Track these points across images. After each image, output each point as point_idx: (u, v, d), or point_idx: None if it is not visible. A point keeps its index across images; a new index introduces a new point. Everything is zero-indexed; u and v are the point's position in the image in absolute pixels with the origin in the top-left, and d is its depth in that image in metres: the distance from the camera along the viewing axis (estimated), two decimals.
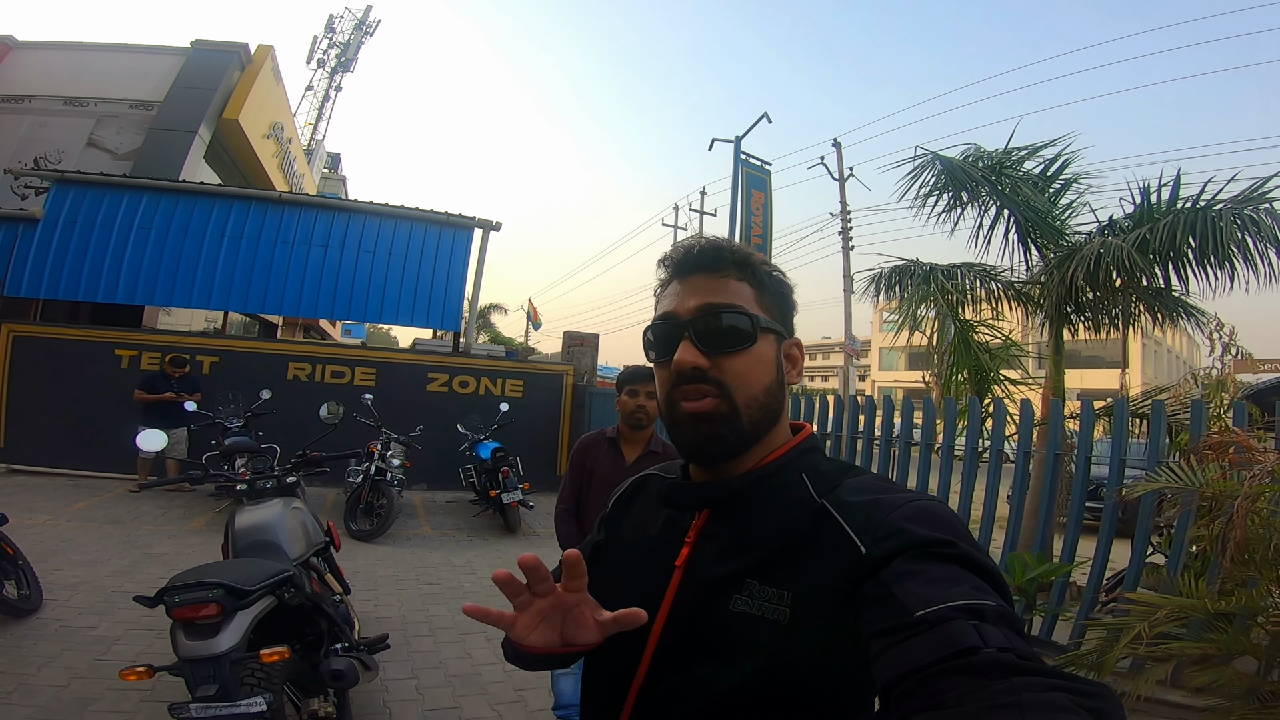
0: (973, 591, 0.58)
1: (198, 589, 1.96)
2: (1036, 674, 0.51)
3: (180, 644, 1.94)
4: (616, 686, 0.81)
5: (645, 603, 0.76)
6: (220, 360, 8.72)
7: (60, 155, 10.63)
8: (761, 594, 0.71)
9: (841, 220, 15.13)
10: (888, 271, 6.58)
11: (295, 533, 2.85)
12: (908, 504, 0.68)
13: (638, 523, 0.91)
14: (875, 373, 42.06)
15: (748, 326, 0.79)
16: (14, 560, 3.90)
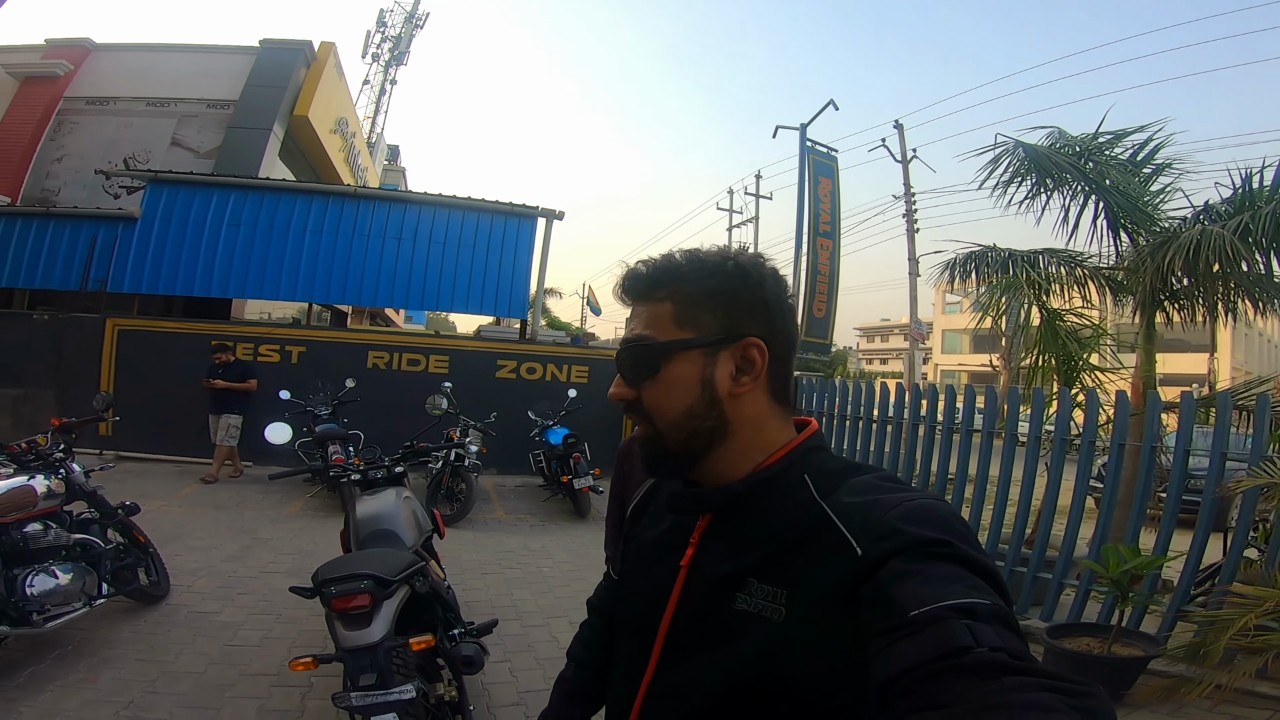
0: (968, 590, 0.59)
1: (350, 580, 2.08)
2: (1028, 674, 0.51)
3: (339, 634, 2.06)
4: (629, 684, 0.85)
5: (655, 602, 0.82)
6: (307, 350, 9.16)
7: (148, 155, 11.22)
8: (760, 592, 0.72)
9: (905, 202, 14.67)
10: (962, 257, 6.43)
11: (409, 522, 2.97)
12: (904, 504, 0.68)
13: (651, 526, 0.94)
14: (938, 355, 40.81)
15: (649, 357, 0.80)
16: (145, 548, 4.18)
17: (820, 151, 6.79)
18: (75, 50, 11.66)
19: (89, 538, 3.63)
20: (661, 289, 0.82)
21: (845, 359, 60.34)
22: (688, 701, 0.77)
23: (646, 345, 0.81)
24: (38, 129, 11.05)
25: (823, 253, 6.71)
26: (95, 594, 3.51)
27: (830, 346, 7.01)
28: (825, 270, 6.74)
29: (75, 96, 11.50)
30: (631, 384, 0.82)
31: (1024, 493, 4.55)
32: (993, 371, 7.77)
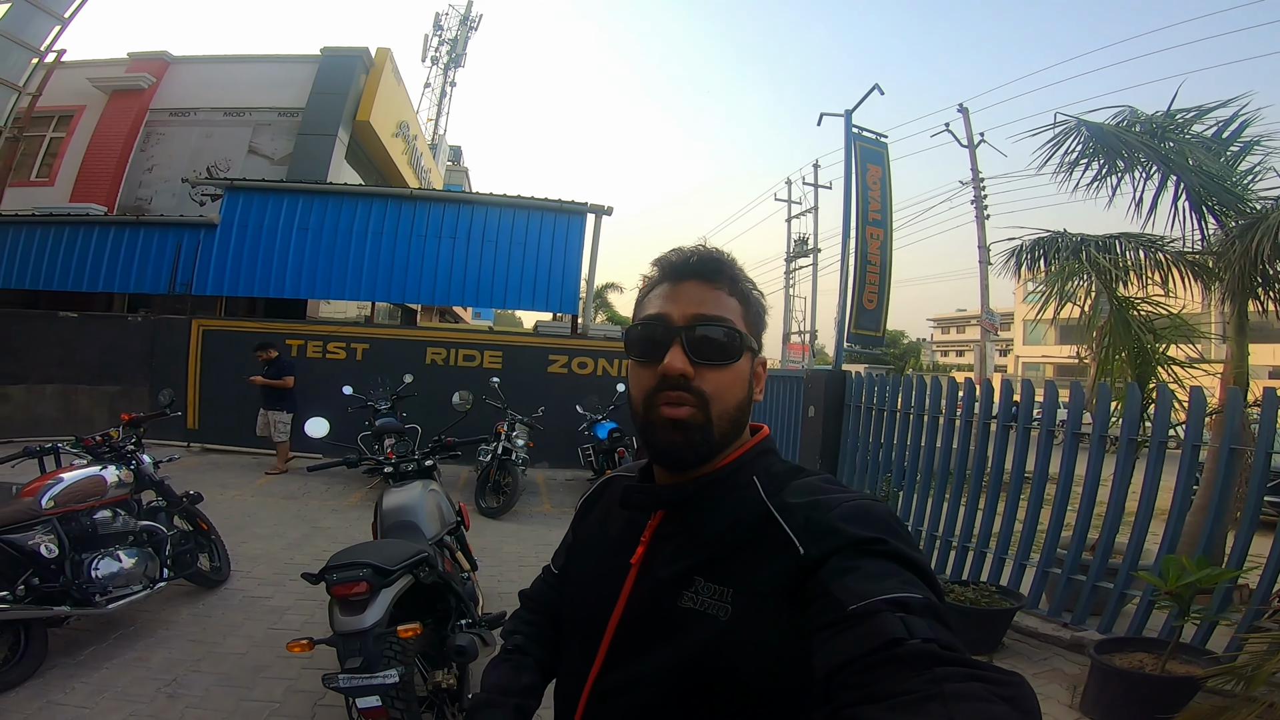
0: (902, 585, 0.61)
1: (351, 568, 2.19)
2: (957, 664, 0.54)
3: (335, 619, 2.18)
4: (575, 680, 0.86)
5: (604, 598, 0.83)
6: (370, 347, 9.59)
7: (228, 163, 11.96)
8: (706, 590, 0.74)
9: (974, 188, 13.99)
10: (1030, 243, 6.06)
11: (432, 514, 3.09)
12: (844, 504, 0.71)
13: (600, 523, 0.95)
14: (1020, 347, 38.58)
15: (736, 343, 0.82)
16: (208, 535, 4.48)
17: (868, 138, 6.53)
18: (156, 63, 12.50)
19: (154, 524, 3.89)
20: (735, 285, 0.85)
21: (918, 351, 58.14)
22: (634, 697, 0.78)
23: (737, 331, 0.82)
24: (128, 140, 11.95)
25: (873, 242, 6.46)
26: (157, 577, 3.76)
27: (882, 339, 6.75)
28: (876, 260, 6.48)
29: (160, 108, 12.36)
30: (697, 361, 0.80)
31: (1085, 495, 4.24)
32: (1080, 364, 7.30)
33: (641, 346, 0.83)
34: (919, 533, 5.25)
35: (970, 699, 0.51)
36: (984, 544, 4.74)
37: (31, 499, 3.34)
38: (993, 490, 4.74)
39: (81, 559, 3.39)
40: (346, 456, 3.42)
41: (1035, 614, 4.31)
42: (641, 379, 0.83)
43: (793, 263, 19.00)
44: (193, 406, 9.60)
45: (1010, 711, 0.51)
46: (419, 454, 3.57)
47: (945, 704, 0.50)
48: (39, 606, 3.14)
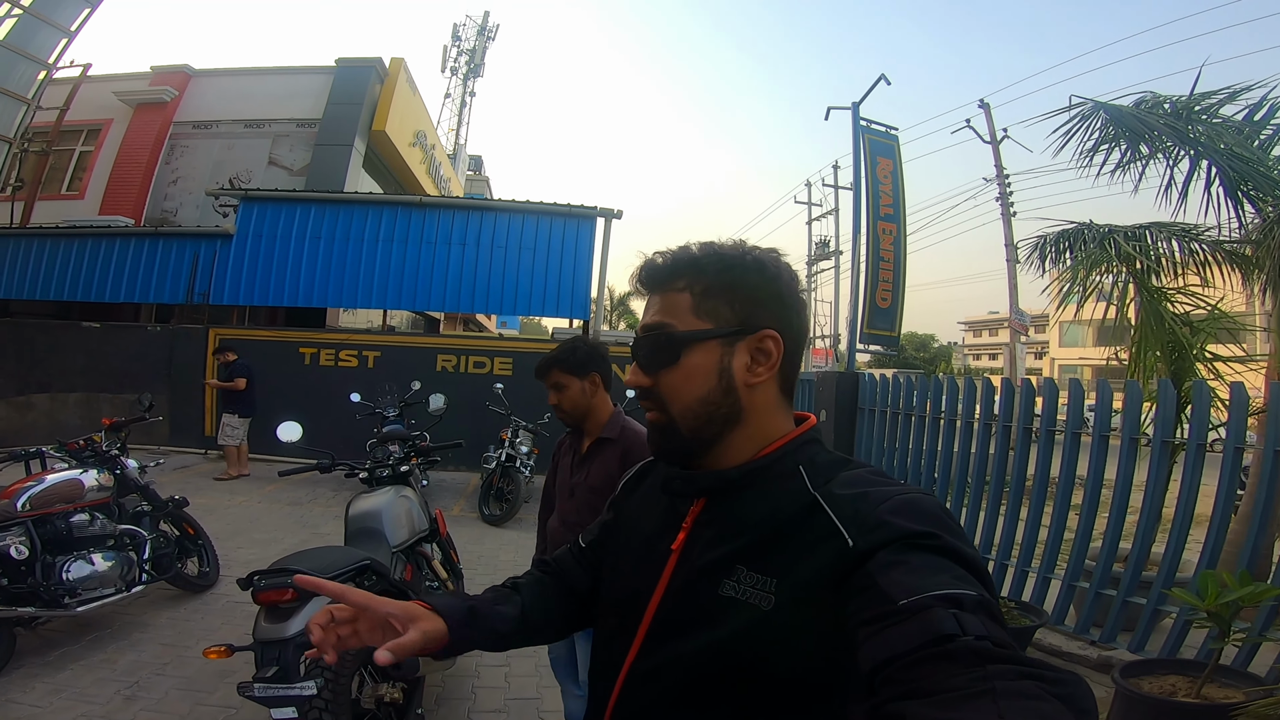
0: (953, 581, 0.60)
1: (279, 575, 2.10)
2: (1011, 662, 0.53)
3: (257, 626, 2.11)
4: (612, 661, 0.85)
5: (643, 583, 0.83)
6: (382, 354, 9.59)
7: (249, 175, 12.14)
8: (749, 579, 0.73)
9: (999, 185, 13.55)
10: (1054, 236, 5.75)
11: (399, 520, 3.01)
12: (894, 497, 0.70)
13: (642, 506, 0.95)
14: (1055, 349, 37.46)
15: (668, 346, 0.82)
16: (194, 539, 4.43)
17: (877, 130, 6.28)
18: (178, 76, 12.75)
19: (134, 528, 3.85)
20: (680, 279, 0.84)
21: (949, 355, 56.91)
22: (670, 681, 0.78)
23: (666, 334, 0.83)
24: (153, 153, 12.21)
25: (885, 237, 6.18)
26: (134, 580, 3.71)
27: (898, 339, 6.45)
28: (889, 256, 6.20)
29: (183, 121, 12.61)
30: (648, 371, 0.84)
31: (1116, 501, 3.92)
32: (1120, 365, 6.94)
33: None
34: None
35: (1022, 697, 0.49)
36: (1005, 555, 4.44)
37: (7, 501, 3.33)
38: (1014, 497, 4.43)
39: (54, 561, 3.36)
40: (320, 461, 3.35)
41: (1060, 630, 4.00)
42: None
43: (814, 266, 18.65)
44: (209, 414, 9.67)
45: (1064, 710, 0.49)
46: (393, 459, 3.46)
47: (995, 701, 0.49)
48: (3, 607, 3.10)
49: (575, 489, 2.26)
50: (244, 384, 8.21)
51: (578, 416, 2.27)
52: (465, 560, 5.52)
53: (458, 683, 3.34)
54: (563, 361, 2.23)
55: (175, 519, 4.36)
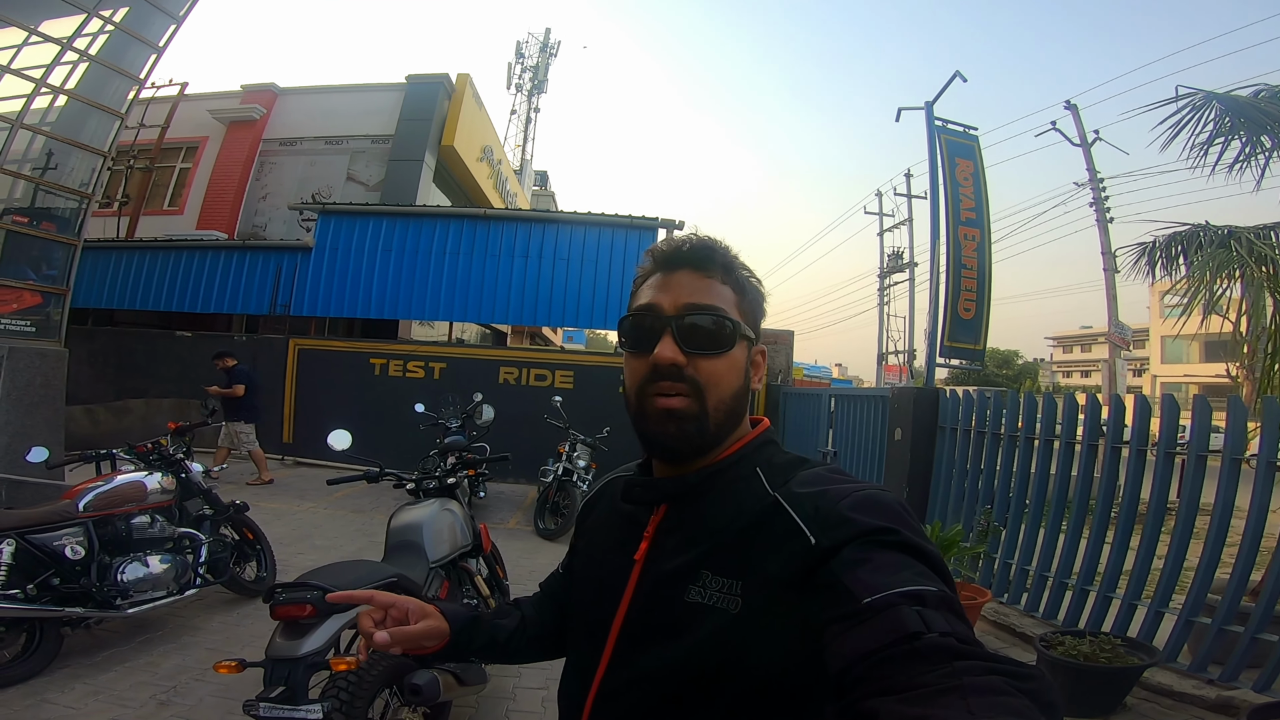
0: (916, 578, 0.61)
1: (298, 590, 2.04)
2: (977, 658, 0.54)
3: (271, 642, 2.03)
4: (582, 678, 0.84)
5: (608, 596, 0.82)
6: (447, 366, 9.72)
7: (330, 190, 12.66)
8: (714, 584, 0.73)
9: (1092, 189, 12.56)
10: (1165, 240, 5.17)
11: (440, 535, 2.91)
12: (854, 494, 0.71)
13: (603, 521, 0.94)
14: (1157, 366, 34.58)
15: (728, 331, 0.81)
16: (253, 544, 4.47)
17: (954, 130, 5.83)
18: (265, 94, 13.45)
19: (193, 531, 3.90)
20: (730, 274, 0.84)
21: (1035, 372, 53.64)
22: (642, 694, 0.77)
23: (729, 318, 0.81)
24: (245, 169, 12.93)
25: (968, 244, 5.70)
26: (189, 583, 3.74)
27: (982, 352, 5.92)
28: (972, 264, 5.72)
29: (271, 138, 13.29)
30: (689, 350, 0.80)
31: (1249, 531, 3.38)
32: (1232, 383, 6.26)
33: (633, 337, 0.83)
34: (1026, 571, 4.49)
35: (989, 692, 0.50)
36: (1110, 587, 3.92)
37: (70, 501, 3.41)
38: (1123, 524, 3.91)
39: (110, 562, 3.42)
40: (368, 471, 3.28)
41: (1173, 668, 3.50)
42: (634, 370, 0.83)
43: (887, 278, 17.84)
44: (288, 421, 10.05)
45: (1030, 705, 0.49)
46: (440, 472, 3.37)
47: (964, 696, 0.49)
48: (48, 606, 3.14)
49: None
50: (242, 391, 8.03)
51: None
52: (516, 575, 5.40)
53: (492, 704, 3.18)
54: None
55: (236, 523, 4.42)
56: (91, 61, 5.87)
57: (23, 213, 5.90)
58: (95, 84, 5.88)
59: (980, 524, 4.52)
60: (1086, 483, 4.16)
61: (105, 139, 5.97)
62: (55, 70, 5.66)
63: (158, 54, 6.00)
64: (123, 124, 6.01)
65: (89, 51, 5.89)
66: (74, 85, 5.88)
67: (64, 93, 5.78)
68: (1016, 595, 4.55)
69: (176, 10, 6.03)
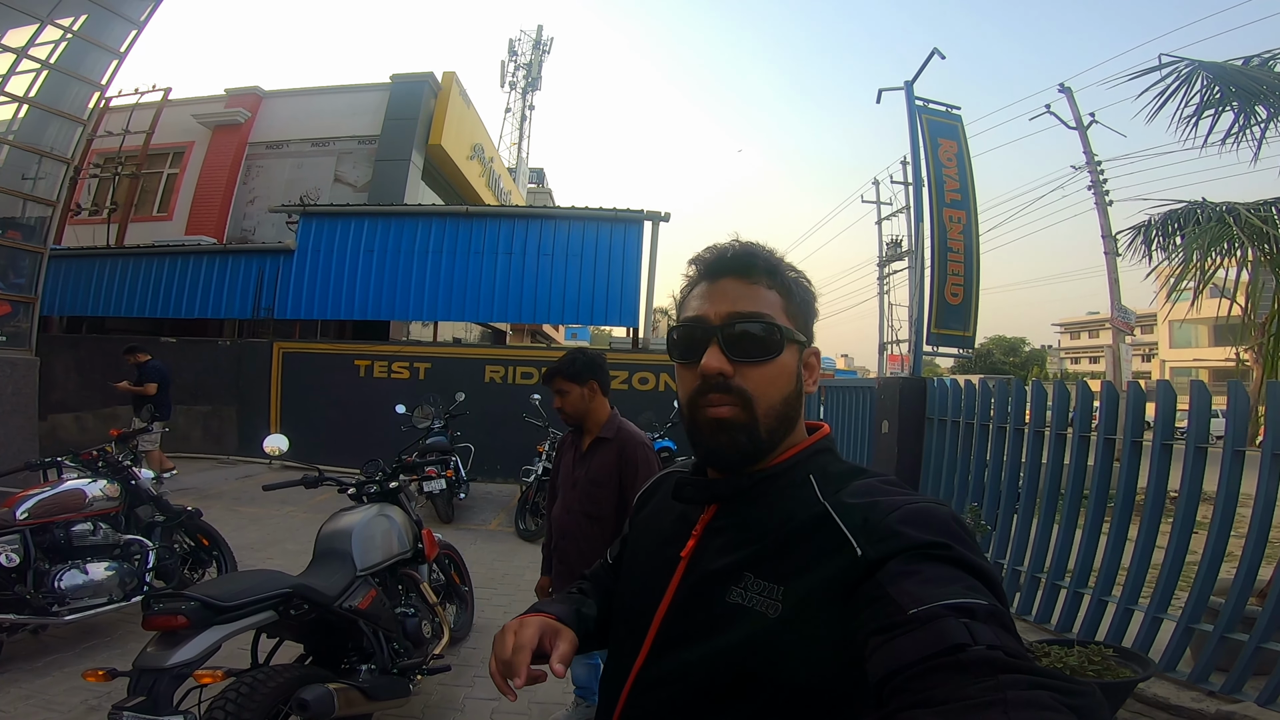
0: (965, 591, 0.59)
1: (176, 600, 1.98)
2: (1023, 672, 0.52)
3: (141, 651, 1.97)
4: (620, 669, 0.86)
5: (653, 590, 0.84)
6: (432, 366, 9.56)
7: (317, 192, 12.50)
8: (756, 587, 0.73)
9: (1090, 172, 12.29)
10: (1161, 218, 4.97)
11: (372, 541, 2.80)
12: (905, 506, 0.69)
13: (655, 516, 0.95)
14: (1165, 351, 34.16)
15: (775, 337, 0.81)
16: (209, 550, 4.34)
17: (936, 110, 5.62)
18: (250, 98, 13.31)
19: (138, 538, 3.76)
20: (774, 277, 0.84)
21: (1043, 359, 53.15)
22: (677, 689, 0.78)
23: (776, 325, 0.81)
24: (231, 174, 12.81)
25: (953, 225, 5.50)
26: (135, 590, 3.61)
27: (972, 339, 5.71)
28: (958, 246, 5.51)
29: (256, 142, 13.16)
30: (736, 359, 0.80)
31: (1254, 528, 3.16)
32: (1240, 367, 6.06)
33: (683, 348, 0.84)
34: (1018, 573, 4.28)
35: (1034, 707, 0.48)
36: (1106, 589, 3.71)
37: (7, 510, 3.31)
38: (1119, 520, 3.70)
39: (47, 570, 3.30)
40: (306, 475, 3.16)
41: (1171, 678, 3.29)
42: (685, 381, 0.83)
43: (887, 267, 17.57)
44: (274, 425, 9.90)
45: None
46: (381, 475, 3.22)
47: (1007, 711, 0.48)
48: None
49: (578, 481, 2.56)
50: (154, 389, 7.58)
51: (578, 418, 2.56)
52: (493, 577, 5.24)
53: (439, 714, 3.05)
54: (563, 371, 2.51)
55: (191, 529, 4.28)
56: (50, 70, 5.75)
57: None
58: (55, 92, 5.78)
59: (967, 522, 4.31)
60: (1079, 476, 3.96)
61: (68, 146, 5.85)
62: (14, 79, 5.54)
63: (119, 59, 5.88)
64: (85, 130, 5.91)
65: (48, 60, 5.77)
66: (34, 94, 5.76)
67: (23, 101, 5.66)
68: (1008, 596, 4.35)
69: (137, 15, 5.92)
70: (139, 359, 7.68)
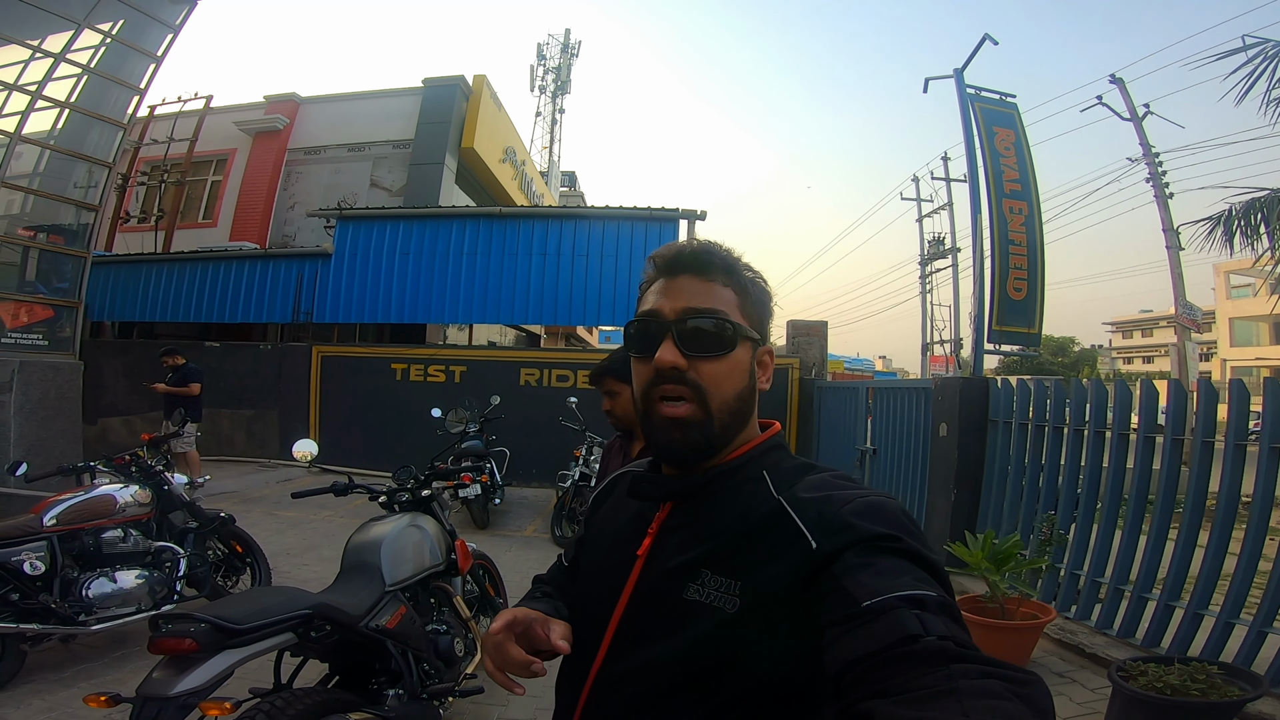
0: (915, 583, 0.62)
1: (185, 622, 1.83)
2: (974, 661, 0.55)
3: (147, 676, 1.83)
4: (580, 668, 0.85)
5: (610, 589, 0.84)
6: (468, 369, 9.49)
7: (354, 197, 12.60)
8: (713, 583, 0.75)
9: (1148, 164, 11.62)
10: (1244, 207, 4.57)
11: (402, 554, 2.63)
12: (857, 500, 0.72)
13: (611, 516, 0.96)
14: (1225, 349, 32.53)
15: (728, 333, 0.82)
16: (243, 557, 4.26)
17: (989, 98, 5.25)
18: (288, 104, 13.52)
19: (170, 545, 3.68)
20: (730, 276, 0.85)
21: (1094, 359, 51.14)
22: (637, 687, 0.78)
23: (729, 320, 0.82)
24: (272, 180, 13.02)
25: (1014, 217, 5.11)
26: (166, 598, 3.53)
27: (1038, 336, 5.31)
28: (1020, 239, 5.12)
29: (295, 148, 13.35)
30: (690, 354, 0.81)
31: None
32: None
33: (637, 342, 0.85)
34: (1098, 584, 3.93)
35: (985, 696, 0.51)
36: (1202, 602, 3.35)
37: (34, 516, 3.23)
38: (1220, 528, 3.33)
39: (75, 578, 3.22)
40: (335, 483, 3.02)
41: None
42: (640, 374, 0.84)
43: (929, 265, 16.96)
44: (314, 429, 9.96)
45: (1025, 710, 0.50)
46: (413, 484, 3.05)
47: (960, 700, 0.50)
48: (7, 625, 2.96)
49: None
50: (198, 389, 7.61)
51: (629, 421, 2.38)
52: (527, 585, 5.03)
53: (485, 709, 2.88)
54: (614, 370, 2.33)
55: (225, 536, 4.20)
56: (91, 74, 5.79)
57: (29, 226, 5.87)
58: (95, 96, 5.82)
59: (1043, 532, 3.97)
60: (1173, 480, 3.59)
61: (109, 150, 5.89)
62: (55, 84, 5.59)
63: (156, 63, 5.90)
64: (125, 134, 5.93)
65: (89, 65, 5.81)
66: (74, 99, 5.81)
67: (65, 106, 5.72)
68: (1086, 609, 3.99)
69: (172, 19, 5.95)
70: (175, 361, 7.73)
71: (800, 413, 8.66)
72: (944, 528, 4.96)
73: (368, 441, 9.47)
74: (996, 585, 3.63)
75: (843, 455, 7.39)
